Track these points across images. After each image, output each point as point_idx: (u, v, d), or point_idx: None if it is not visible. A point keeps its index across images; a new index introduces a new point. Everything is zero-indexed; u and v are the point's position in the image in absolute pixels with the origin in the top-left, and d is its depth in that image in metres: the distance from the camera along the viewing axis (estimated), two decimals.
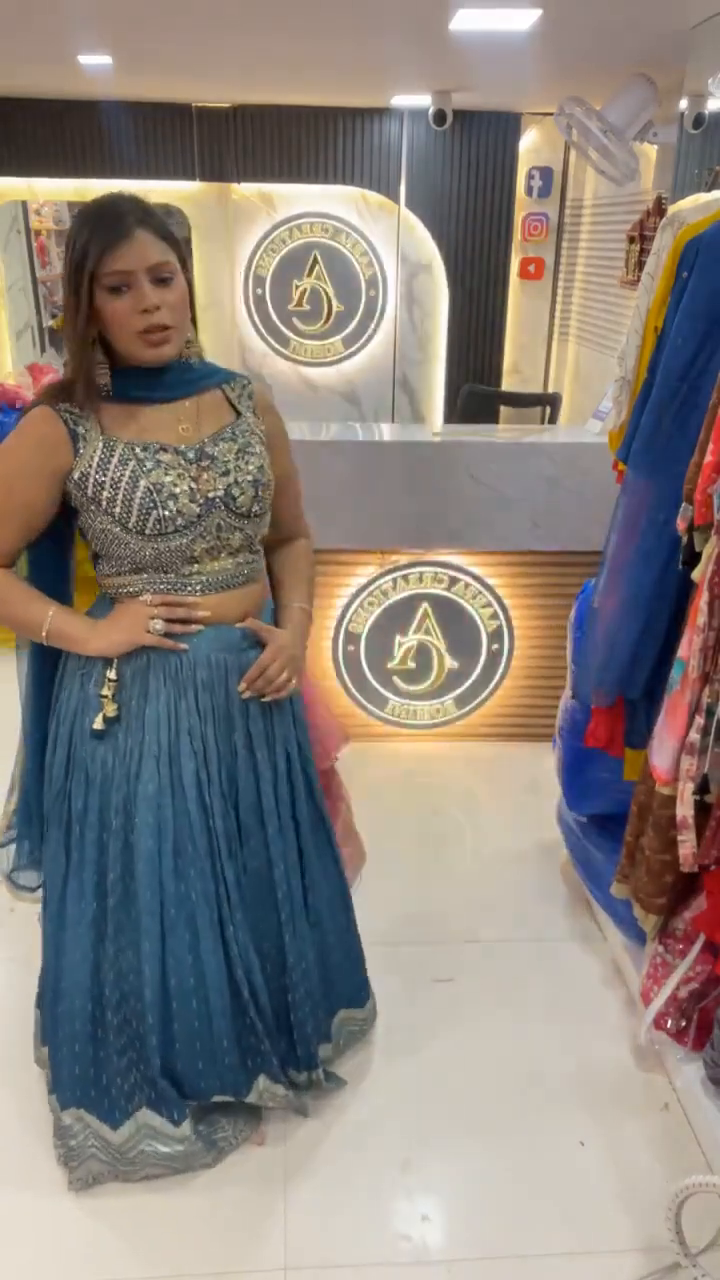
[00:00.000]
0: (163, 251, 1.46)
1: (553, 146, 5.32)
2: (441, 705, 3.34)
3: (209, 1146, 1.83)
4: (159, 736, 1.63)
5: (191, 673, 1.62)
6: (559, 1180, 1.84)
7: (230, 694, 1.65)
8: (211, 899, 1.69)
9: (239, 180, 5.27)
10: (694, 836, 1.78)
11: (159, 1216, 1.75)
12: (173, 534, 1.55)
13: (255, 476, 1.60)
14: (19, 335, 6.13)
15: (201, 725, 1.64)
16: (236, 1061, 1.76)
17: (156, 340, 1.49)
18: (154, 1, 2.79)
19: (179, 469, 1.54)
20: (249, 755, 1.70)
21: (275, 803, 1.74)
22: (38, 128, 5.08)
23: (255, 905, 1.76)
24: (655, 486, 1.89)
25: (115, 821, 1.65)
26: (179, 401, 1.59)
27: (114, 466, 1.52)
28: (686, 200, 3.11)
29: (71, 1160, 1.77)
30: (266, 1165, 1.85)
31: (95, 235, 1.42)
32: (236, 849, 1.72)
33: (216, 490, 1.56)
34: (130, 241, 1.42)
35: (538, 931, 2.51)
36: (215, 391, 1.64)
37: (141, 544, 1.56)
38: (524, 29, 2.95)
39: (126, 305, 1.45)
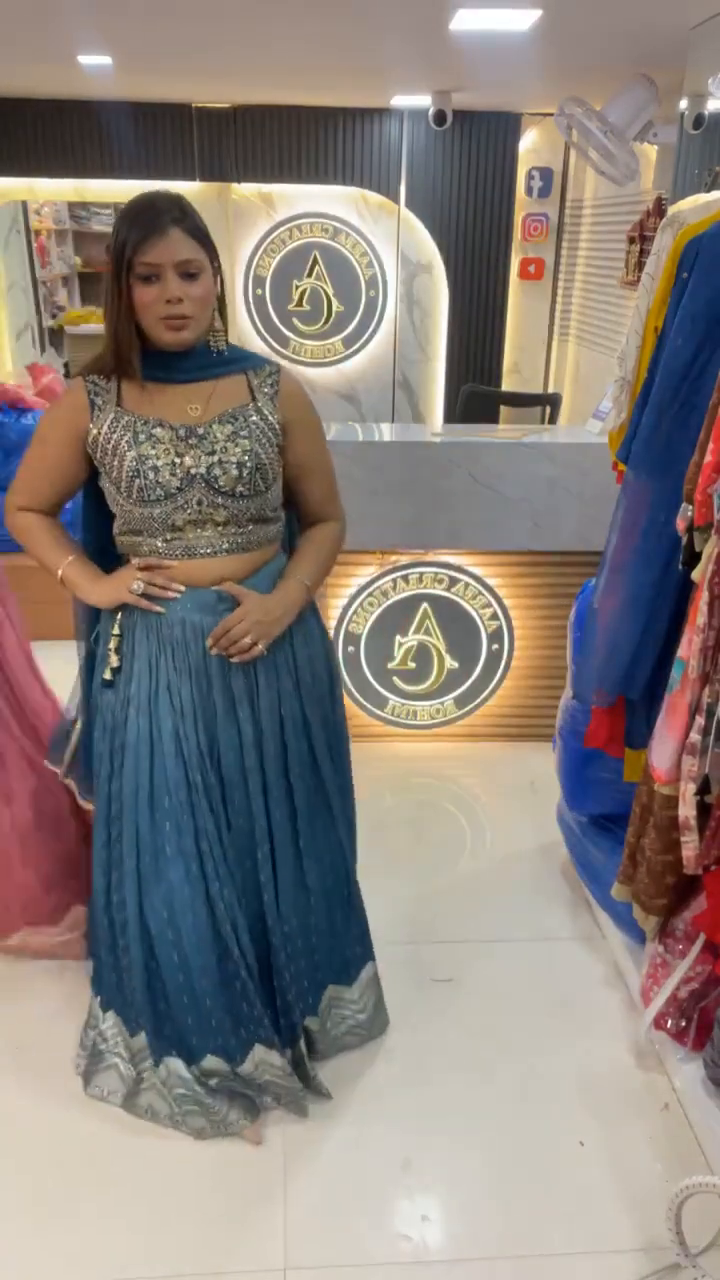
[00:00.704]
0: (192, 249, 1.60)
1: (553, 147, 5.32)
2: (441, 705, 3.34)
3: (203, 1111, 1.87)
4: (141, 689, 1.76)
5: (170, 631, 1.74)
6: (559, 1180, 1.84)
7: (206, 653, 1.74)
8: (191, 854, 1.77)
9: (239, 180, 5.27)
10: (697, 838, 1.78)
11: (159, 1216, 1.76)
12: (154, 502, 1.68)
13: (240, 460, 1.68)
14: (19, 335, 6.13)
15: (179, 680, 1.75)
16: (227, 1024, 1.82)
17: (176, 326, 1.63)
18: (154, 1, 2.79)
19: (166, 444, 1.67)
20: (230, 713, 1.78)
21: (259, 761, 1.80)
22: (38, 128, 5.08)
23: (239, 865, 1.83)
24: (655, 487, 1.89)
25: (114, 764, 1.81)
26: (197, 384, 1.71)
27: (115, 435, 1.67)
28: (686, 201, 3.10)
29: (94, 1061, 1.97)
30: (266, 1165, 1.85)
31: (133, 229, 1.57)
32: (219, 806, 1.79)
33: (199, 468, 1.67)
34: (162, 238, 1.57)
35: (538, 931, 2.51)
36: (238, 377, 1.75)
37: (131, 507, 1.70)
38: (524, 29, 2.95)
39: (154, 293, 1.60)
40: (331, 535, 1.91)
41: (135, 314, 1.62)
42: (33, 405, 4.28)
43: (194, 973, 1.78)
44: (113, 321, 1.64)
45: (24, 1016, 2.19)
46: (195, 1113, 1.87)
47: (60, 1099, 1.98)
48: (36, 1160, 1.86)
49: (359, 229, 5.44)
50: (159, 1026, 1.85)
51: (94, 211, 7.50)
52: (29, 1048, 2.11)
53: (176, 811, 1.76)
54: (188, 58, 3.75)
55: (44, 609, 4.08)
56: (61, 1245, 1.71)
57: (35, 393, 4.45)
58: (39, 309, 6.63)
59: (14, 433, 4.15)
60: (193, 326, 1.64)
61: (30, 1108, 1.97)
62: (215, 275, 1.66)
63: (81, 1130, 1.92)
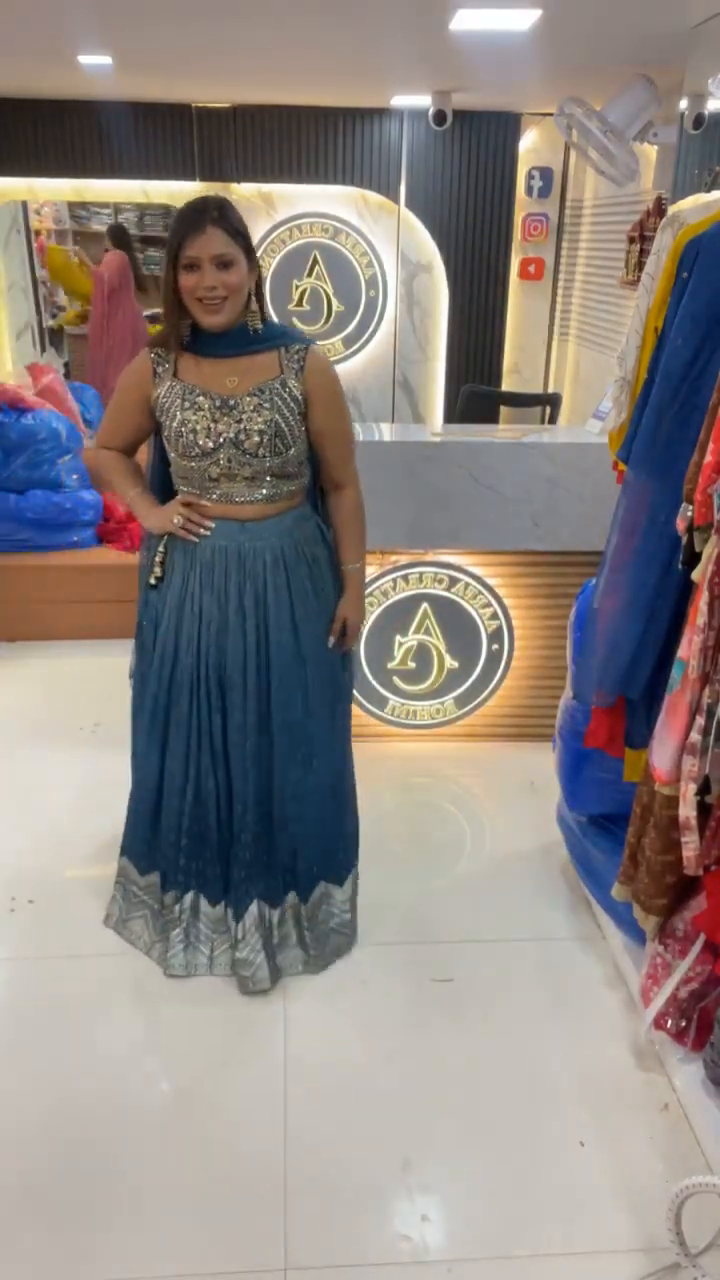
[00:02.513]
0: (226, 244, 1.90)
1: (553, 147, 5.32)
2: (441, 705, 3.34)
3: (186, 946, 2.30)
4: (174, 597, 2.15)
5: (201, 554, 2.11)
6: (559, 1180, 1.84)
7: (229, 574, 2.10)
8: (189, 730, 2.17)
9: (239, 180, 5.27)
10: (697, 838, 1.78)
11: (159, 1216, 1.76)
12: (194, 458, 2.03)
13: (262, 428, 1.99)
14: (19, 335, 6.12)
15: (201, 593, 2.12)
16: (192, 868, 2.25)
17: (211, 309, 1.94)
18: (154, 2, 2.79)
19: (204, 411, 2.00)
20: (240, 625, 2.12)
21: (257, 667, 2.14)
22: (38, 128, 5.07)
23: (237, 748, 2.17)
24: (655, 486, 1.89)
25: (151, 655, 2.21)
26: (235, 359, 2.02)
27: (170, 400, 2.03)
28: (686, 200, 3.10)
29: (116, 899, 2.43)
30: (267, 1165, 1.85)
31: (180, 227, 1.91)
32: (218, 699, 2.16)
33: (228, 433, 2.00)
34: (202, 234, 1.88)
35: (538, 931, 2.51)
36: (271, 353, 2.04)
37: (178, 460, 2.07)
38: (524, 29, 2.94)
39: (194, 281, 1.91)
40: (353, 509, 2.23)
41: (182, 298, 1.94)
42: (33, 405, 4.28)
43: (173, 814, 2.22)
44: (167, 304, 1.98)
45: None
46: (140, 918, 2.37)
47: (60, 1096, 1.99)
48: (37, 1159, 1.86)
49: (359, 229, 5.44)
50: (149, 853, 2.30)
51: (94, 211, 7.49)
52: (24, 1041, 2.11)
53: (181, 693, 2.16)
54: (188, 58, 3.75)
55: (31, 609, 4.12)
56: (61, 1245, 1.71)
57: (35, 393, 4.45)
58: (39, 309, 6.62)
59: (14, 433, 4.15)
60: (226, 309, 1.94)
61: (31, 1105, 1.97)
62: (250, 267, 1.96)
63: (81, 1129, 1.92)
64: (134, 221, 7.58)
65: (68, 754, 3.29)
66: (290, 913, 2.32)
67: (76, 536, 4.25)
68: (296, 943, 2.33)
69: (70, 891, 2.59)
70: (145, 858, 2.33)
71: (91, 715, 3.51)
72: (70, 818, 2.93)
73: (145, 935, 2.37)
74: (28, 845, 2.79)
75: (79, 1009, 2.21)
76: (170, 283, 1.94)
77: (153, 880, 2.33)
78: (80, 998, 2.25)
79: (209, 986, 2.28)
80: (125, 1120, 1.94)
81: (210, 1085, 2.03)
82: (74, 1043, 2.12)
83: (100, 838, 2.77)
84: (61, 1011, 2.21)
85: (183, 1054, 2.12)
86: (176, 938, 2.30)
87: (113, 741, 3.28)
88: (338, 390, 2.10)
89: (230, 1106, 1.98)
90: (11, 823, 2.90)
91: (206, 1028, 2.17)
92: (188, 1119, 1.96)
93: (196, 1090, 2.03)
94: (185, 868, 2.26)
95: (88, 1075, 2.04)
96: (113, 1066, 2.07)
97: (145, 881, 2.35)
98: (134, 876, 2.37)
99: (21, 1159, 1.86)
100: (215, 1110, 1.97)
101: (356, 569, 2.24)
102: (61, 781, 3.12)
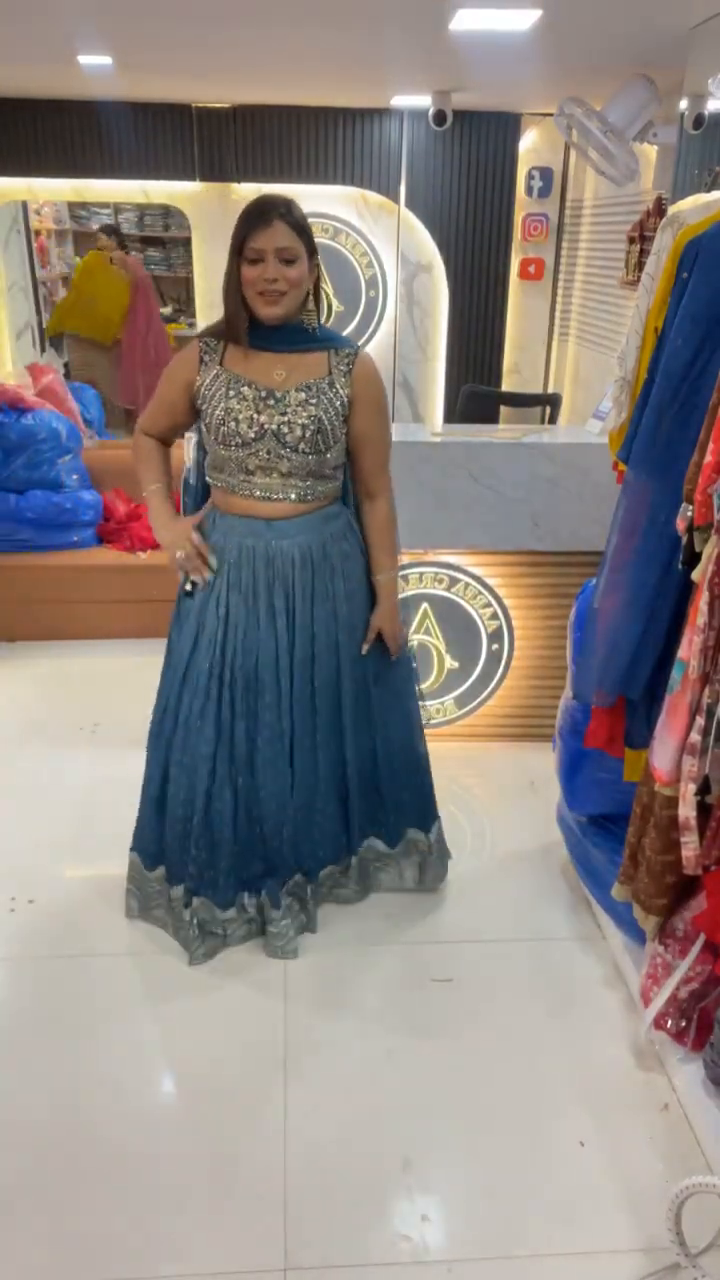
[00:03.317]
0: (290, 239, 1.96)
1: (553, 147, 5.32)
2: (441, 705, 3.34)
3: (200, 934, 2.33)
4: (199, 596, 2.17)
5: (229, 553, 2.14)
6: (559, 1180, 1.84)
7: (256, 573, 2.12)
8: (206, 734, 2.17)
9: (239, 180, 5.27)
10: (697, 838, 1.78)
11: (159, 1216, 1.76)
12: (234, 448, 2.05)
13: (305, 423, 2.03)
14: (19, 335, 6.12)
15: (227, 593, 2.14)
16: (205, 865, 2.26)
17: (271, 300, 1.99)
18: (154, 2, 2.79)
19: (248, 400, 2.03)
20: (270, 625, 2.14)
21: (290, 667, 2.17)
22: (38, 128, 5.07)
23: (269, 748, 2.19)
24: (656, 487, 1.89)
25: (176, 653, 2.23)
26: (286, 354, 2.06)
27: (214, 388, 2.05)
28: (686, 201, 3.11)
29: (129, 895, 2.47)
30: (267, 1165, 1.85)
31: (247, 221, 1.96)
32: (242, 701, 2.17)
33: (271, 424, 2.03)
34: (268, 227, 1.94)
35: (538, 931, 2.51)
36: (322, 354, 2.09)
37: (216, 448, 2.08)
38: (524, 29, 2.95)
39: (256, 273, 1.97)
40: (385, 519, 2.27)
41: (243, 289, 1.99)
42: (33, 405, 4.27)
43: (189, 820, 2.23)
44: (227, 295, 2.02)
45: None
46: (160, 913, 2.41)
47: (59, 1096, 1.99)
48: (36, 1159, 1.86)
49: (359, 229, 5.43)
50: (162, 853, 2.33)
51: (94, 211, 7.50)
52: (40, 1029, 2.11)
53: (200, 695, 2.17)
54: (188, 58, 3.75)
55: (31, 609, 4.12)
56: (61, 1244, 1.71)
57: (35, 393, 4.44)
58: (39, 309, 6.62)
59: (14, 433, 4.15)
60: (285, 302, 1.99)
61: (30, 1105, 1.97)
62: (311, 265, 2.01)
63: (81, 1129, 1.92)
64: (134, 221, 7.59)
65: (68, 754, 3.29)
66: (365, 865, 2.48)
67: (76, 536, 4.25)
68: (398, 873, 2.53)
69: (70, 891, 2.59)
70: (155, 856, 2.37)
71: (91, 715, 3.51)
72: (70, 818, 2.93)
73: (171, 922, 2.40)
74: (28, 845, 2.79)
75: (78, 1009, 2.21)
76: (233, 274, 2.00)
77: (162, 873, 2.37)
78: (80, 998, 2.25)
79: (209, 986, 2.28)
80: (125, 1120, 1.94)
81: (210, 1085, 2.03)
82: (74, 1043, 2.12)
83: (100, 838, 2.77)
84: (61, 1011, 2.21)
85: (182, 1054, 2.12)
86: (194, 937, 2.33)
87: (113, 741, 3.29)
88: (383, 399, 2.17)
89: (230, 1106, 1.98)
90: (11, 822, 2.90)
91: (206, 1027, 2.17)
92: (187, 1119, 1.96)
93: (196, 1090, 2.03)
94: (197, 875, 2.28)
95: (87, 1075, 2.04)
96: (112, 1066, 2.07)
97: (155, 875, 2.38)
98: (144, 873, 2.40)
99: (21, 1159, 1.86)
100: (215, 1110, 1.97)
101: (389, 578, 2.28)
102: (61, 781, 3.12)
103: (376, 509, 2.25)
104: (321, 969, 2.35)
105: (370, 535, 2.27)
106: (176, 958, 2.36)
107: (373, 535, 2.26)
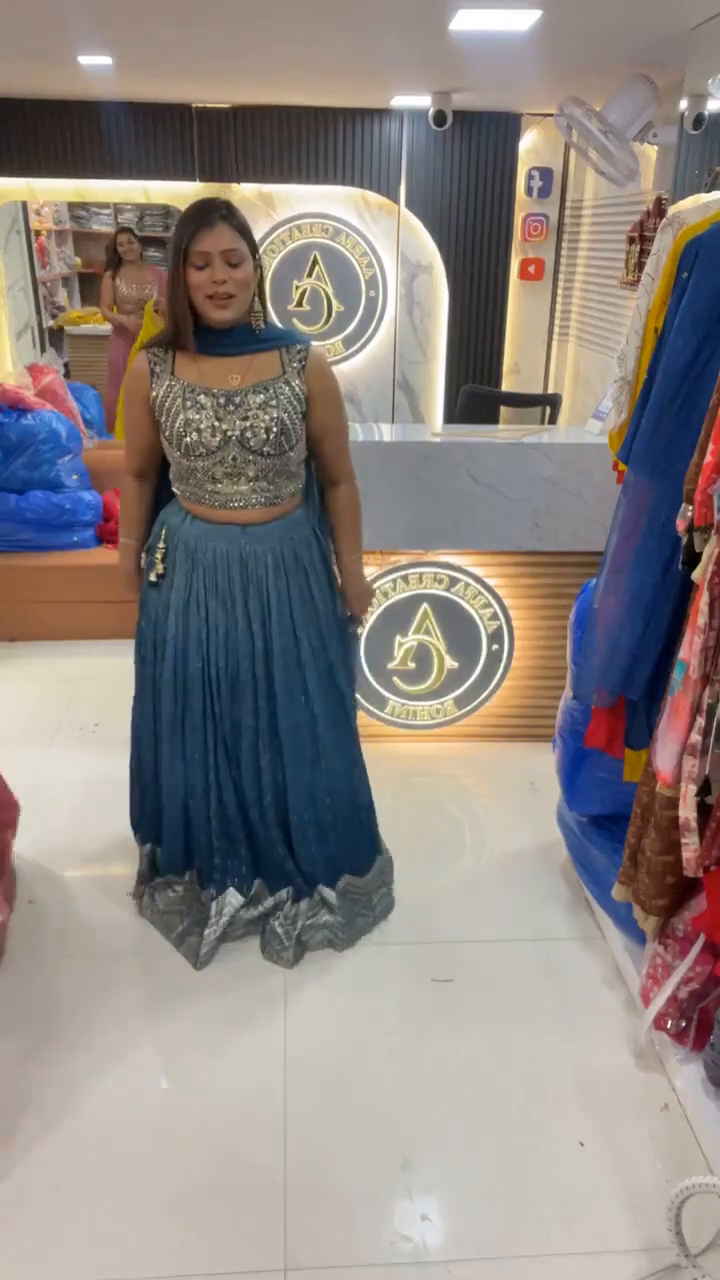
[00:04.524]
0: (235, 241, 1.94)
1: (553, 147, 5.32)
2: (441, 705, 3.34)
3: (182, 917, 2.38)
4: (178, 598, 2.18)
5: (203, 556, 2.14)
6: (559, 1180, 1.84)
7: (231, 577, 2.14)
8: (198, 729, 2.22)
9: (239, 180, 5.27)
10: (697, 839, 1.78)
11: (160, 1216, 1.76)
12: (198, 457, 2.04)
13: (268, 425, 2.02)
14: (19, 335, 6.12)
15: (206, 595, 2.15)
16: (199, 858, 2.34)
17: (221, 304, 1.97)
18: (154, 2, 2.79)
19: (209, 409, 2.01)
20: (247, 628, 2.17)
21: (266, 669, 2.20)
22: (38, 128, 5.07)
23: (251, 746, 2.24)
24: (656, 487, 1.89)
25: (156, 654, 2.25)
26: (237, 357, 2.05)
27: (170, 399, 2.04)
28: (686, 201, 3.11)
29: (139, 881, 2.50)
30: (267, 1165, 1.85)
31: (189, 224, 1.93)
32: (227, 703, 2.21)
33: (234, 430, 2.01)
34: (212, 230, 1.92)
35: (538, 931, 2.51)
36: (273, 353, 2.07)
37: (179, 459, 2.07)
38: (524, 29, 2.95)
39: (204, 277, 1.94)
40: (351, 501, 2.29)
41: (190, 294, 1.96)
42: (33, 405, 4.28)
43: (184, 815, 2.29)
44: (172, 302, 1.99)
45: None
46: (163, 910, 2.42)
47: (59, 1096, 1.99)
48: (36, 1159, 1.86)
49: (359, 229, 5.44)
50: (159, 846, 2.39)
51: (94, 211, 7.50)
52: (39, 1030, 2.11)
53: (194, 696, 2.20)
54: (188, 58, 3.75)
55: (31, 609, 4.12)
56: (61, 1244, 1.71)
57: (35, 393, 4.45)
58: (39, 309, 6.63)
59: (14, 433, 4.15)
60: (234, 306, 1.98)
61: (29, 1105, 1.97)
62: (255, 266, 2.00)
63: (81, 1129, 1.92)
64: (134, 221, 7.58)
65: (68, 754, 3.29)
66: (315, 901, 2.42)
67: (76, 536, 4.25)
68: (323, 925, 2.41)
69: (70, 891, 2.59)
70: (157, 853, 2.42)
71: (91, 715, 3.51)
72: (70, 818, 2.93)
73: (179, 926, 2.40)
74: (28, 845, 2.79)
75: (78, 1009, 2.21)
76: (179, 280, 1.96)
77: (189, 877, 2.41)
78: (80, 998, 2.25)
79: (210, 986, 2.28)
80: (124, 1120, 1.94)
81: (210, 1085, 2.03)
82: (73, 1043, 2.12)
83: (100, 838, 2.77)
84: (61, 1011, 2.21)
85: (182, 1053, 2.12)
86: (210, 934, 2.35)
87: (113, 741, 3.28)
88: (337, 388, 2.17)
89: (230, 1106, 1.98)
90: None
91: (206, 1027, 2.17)
92: (187, 1118, 1.96)
93: (196, 1090, 2.03)
94: (220, 865, 2.34)
95: (86, 1075, 2.04)
96: (112, 1066, 2.07)
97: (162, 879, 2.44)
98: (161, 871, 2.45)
99: (21, 1159, 1.86)
100: (215, 1110, 1.97)
101: (355, 559, 2.32)
102: (61, 781, 3.12)
103: (340, 494, 2.27)
104: (322, 969, 2.35)
105: (335, 518, 2.29)
106: (178, 957, 2.36)
107: (338, 518, 2.29)
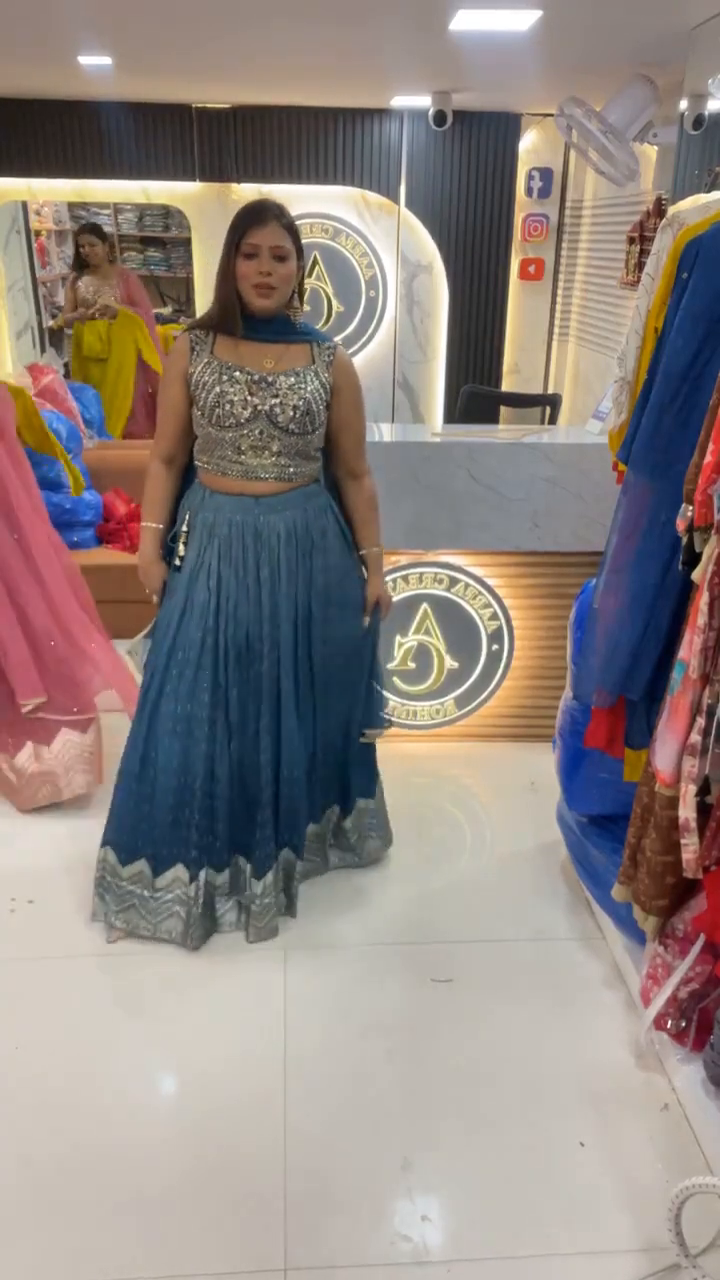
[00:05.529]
0: (283, 238, 2.12)
1: (553, 147, 5.32)
2: (441, 705, 3.34)
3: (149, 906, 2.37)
4: (189, 569, 2.28)
5: (220, 529, 2.25)
6: (559, 1180, 1.84)
7: (246, 548, 2.24)
8: (195, 699, 2.27)
9: (239, 180, 5.27)
10: (696, 840, 1.78)
11: (160, 1216, 1.76)
12: (227, 428, 2.18)
13: (295, 404, 2.17)
14: (19, 335, 6.13)
15: (218, 565, 2.25)
16: (193, 840, 2.32)
17: (264, 293, 2.14)
18: (154, 2, 2.79)
19: (242, 385, 2.17)
20: (257, 599, 2.25)
21: (275, 637, 2.27)
22: (38, 128, 5.08)
23: (255, 713, 2.30)
24: (656, 487, 1.89)
25: (164, 627, 2.32)
26: (273, 344, 2.21)
27: (207, 374, 2.18)
28: (686, 201, 3.11)
29: (98, 896, 2.44)
30: (267, 1165, 1.85)
31: (244, 219, 2.12)
32: (234, 668, 2.27)
33: (264, 406, 2.16)
34: (264, 226, 2.10)
35: (538, 931, 2.51)
36: (305, 346, 2.25)
37: (209, 430, 2.20)
38: (524, 29, 2.95)
39: (251, 267, 2.12)
40: (370, 495, 2.41)
41: (237, 283, 2.13)
42: None
43: (178, 790, 2.29)
44: (221, 288, 2.17)
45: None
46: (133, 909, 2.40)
47: (59, 1096, 1.99)
48: (36, 1159, 1.86)
49: (359, 229, 5.44)
50: (138, 844, 2.35)
51: (94, 212, 7.49)
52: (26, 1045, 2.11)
53: (192, 664, 2.26)
54: (188, 58, 3.75)
55: None
56: (61, 1245, 1.71)
57: (35, 393, 4.44)
58: (39, 309, 6.62)
59: None
60: (275, 296, 2.14)
61: (29, 1105, 1.97)
62: (299, 264, 2.17)
63: (81, 1128, 1.92)
64: (134, 221, 7.59)
65: None
66: (328, 830, 2.60)
67: (76, 536, 4.25)
68: (341, 848, 2.65)
69: (70, 891, 2.59)
70: (131, 850, 2.36)
71: None
72: (70, 818, 2.92)
73: (144, 923, 2.38)
74: (28, 845, 2.79)
75: (78, 1009, 2.21)
76: (228, 269, 2.14)
77: (139, 869, 2.36)
78: (80, 998, 2.25)
79: (210, 986, 2.28)
80: (125, 1119, 1.94)
81: (210, 1084, 2.03)
82: (73, 1043, 2.12)
83: (100, 837, 2.76)
84: (61, 1012, 2.21)
85: (182, 1053, 2.11)
86: (195, 915, 2.36)
87: (113, 741, 3.28)
88: (359, 388, 2.34)
89: (230, 1106, 1.98)
90: (11, 822, 2.90)
91: (207, 1027, 2.17)
92: (187, 1118, 1.96)
93: (196, 1089, 2.03)
94: (199, 843, 2.34)
95: (86, 1075, 2.04)
96: (112, 1065, 2.07)
97: (129, 872, 2.37)
98: (119, 869, 2.38)
99: (21, 1158, 1.86)
100: (215, 1110, 1.97)
101: (377, 552, 2.43)
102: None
103: (362, 487, 2.39)
104: (321, 969, 2.35)
105: (356, 512, 2.40)
106: (176, 957, 2.35)
107: (359, 512, 2.40)
